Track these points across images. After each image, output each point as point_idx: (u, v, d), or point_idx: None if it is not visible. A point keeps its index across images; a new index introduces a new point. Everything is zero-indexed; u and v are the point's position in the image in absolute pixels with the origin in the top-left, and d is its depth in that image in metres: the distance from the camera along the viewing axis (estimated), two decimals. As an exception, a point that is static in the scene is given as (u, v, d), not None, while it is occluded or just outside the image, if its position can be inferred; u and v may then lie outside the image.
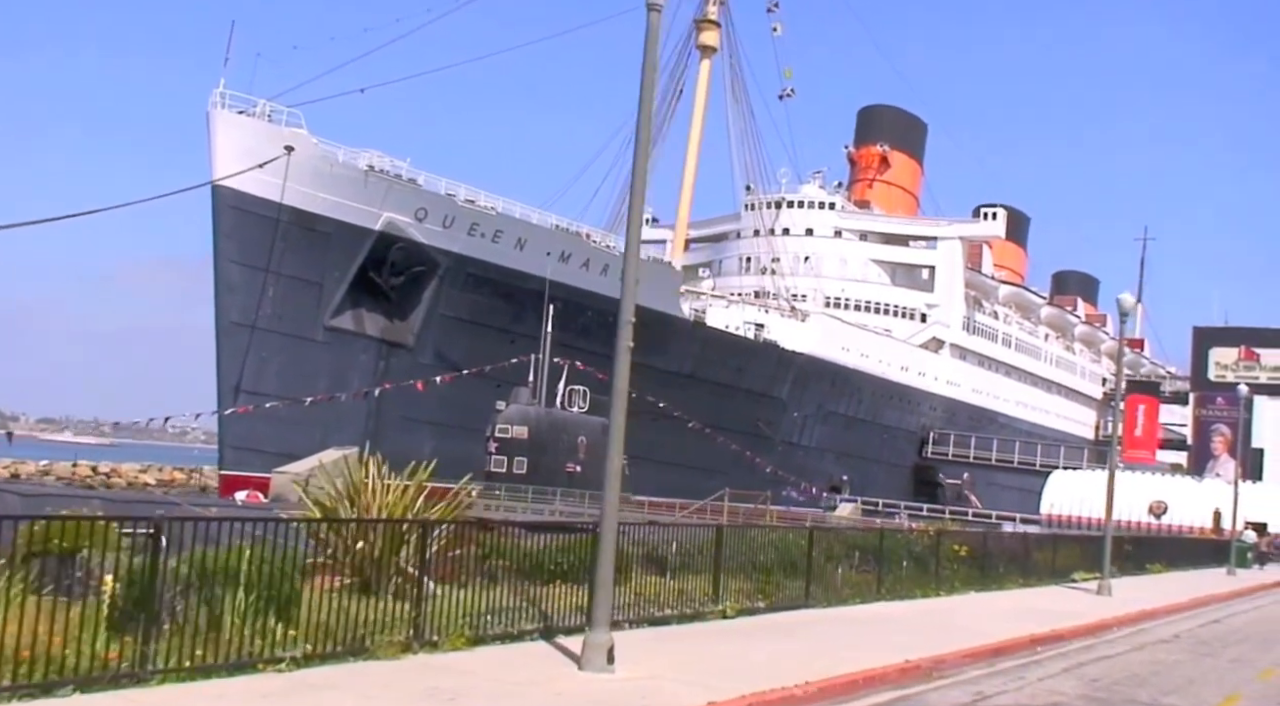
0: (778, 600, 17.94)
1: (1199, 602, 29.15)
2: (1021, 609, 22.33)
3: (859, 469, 78.88)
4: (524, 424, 45.04)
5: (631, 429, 50.14)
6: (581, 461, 46.64)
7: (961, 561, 25.10)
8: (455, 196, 57.22)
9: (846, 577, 20.57)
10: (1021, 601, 23.88)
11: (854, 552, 21.25)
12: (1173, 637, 21.00)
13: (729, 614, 16.40)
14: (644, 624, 14.78)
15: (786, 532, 19.11)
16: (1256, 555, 50.47)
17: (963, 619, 19.64)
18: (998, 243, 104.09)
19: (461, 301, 57.98)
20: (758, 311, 74.86)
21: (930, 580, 23.07)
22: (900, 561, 22.05)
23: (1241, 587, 35.55)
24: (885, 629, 17.42)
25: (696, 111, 76.30)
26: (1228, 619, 25.99)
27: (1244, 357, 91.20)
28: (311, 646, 10.47)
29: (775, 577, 18.20)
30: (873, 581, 20.90)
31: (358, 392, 50.57)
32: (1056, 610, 22.70)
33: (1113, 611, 23.43)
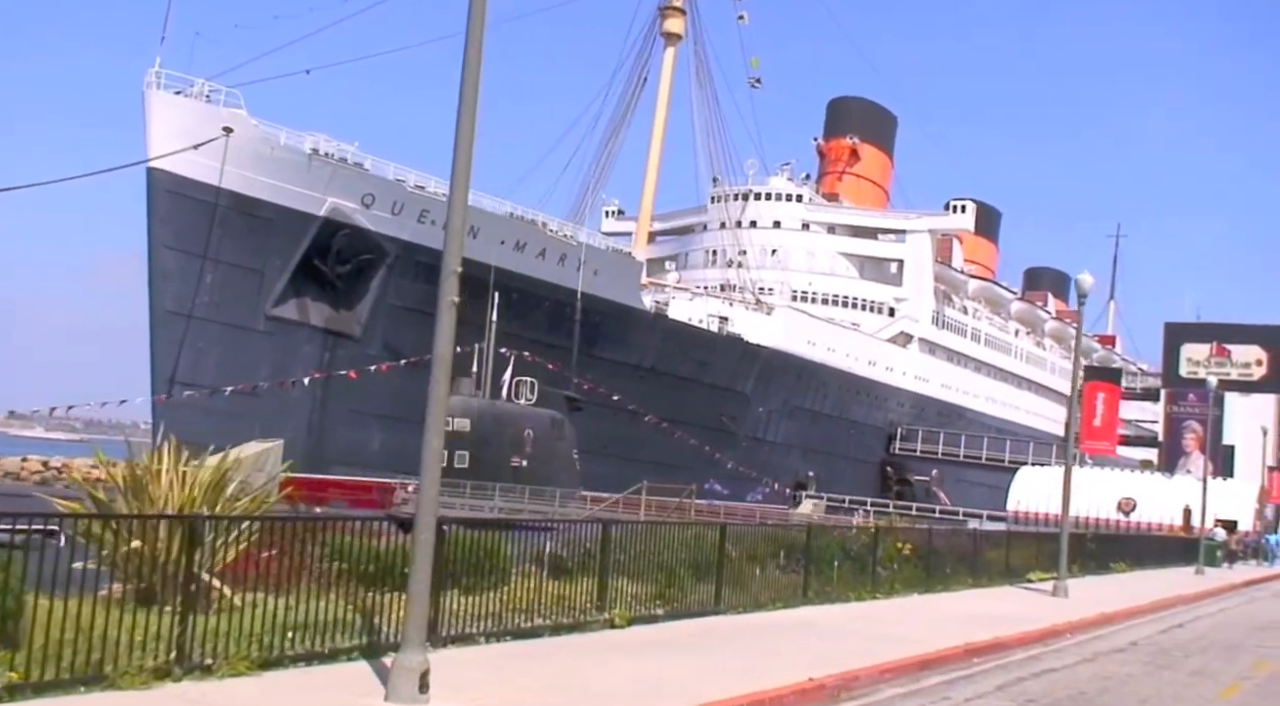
0: (682, 606, 15.74)
1: (1163, 604, 27.13)
2: (965, 613, 20.22)
3: (825, 465, 76.88)
4: (465, 416, 42.73)
5: (587, 422, 48.02)
6: (528, 455, 44.41)
7: (905, 561, 22.97)
8: (404, 182, 54.91)
9: (769, 579, 18.40)
10: (967, 604, 21.77)
11: (780, 552, 19.09)
12: (1129, 646, 18.91)
13: (618, 623, 14.19)
14: (507, 637, 12.57)
15: (696, 529, 16.92)
16: (1226, 554, 48.64)
17: (895, 625, 17.50)
18: (968, 238, 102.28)
19: (411, 291, 55.55)
20: (722, 304, 72.76)
21: (867, 582, 20.93)
22: (832, 561, 19.89)
23: (1209, 588, 33.58)
24: (802, 638, 15.25)
25: (660, 100, 74.31)
26: (1192, 623, 23.95)
27: (1216, 354, 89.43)
28: (22, 673, 8.20)
29: (681, 580, 16.00)
30: (799, 584, 18.73)
31: (284, 383, 48.12)
32: (1004, 614, 20.61)
33: (1066, 615, 21.34)
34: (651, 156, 74.42)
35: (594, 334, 61.75)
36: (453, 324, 10.23)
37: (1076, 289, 26.38)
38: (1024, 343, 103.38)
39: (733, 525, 18.75)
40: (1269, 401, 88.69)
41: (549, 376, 49.88)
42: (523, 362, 47.85)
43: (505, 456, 43.64)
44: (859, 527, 23.88)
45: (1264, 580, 42.47)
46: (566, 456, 47.32)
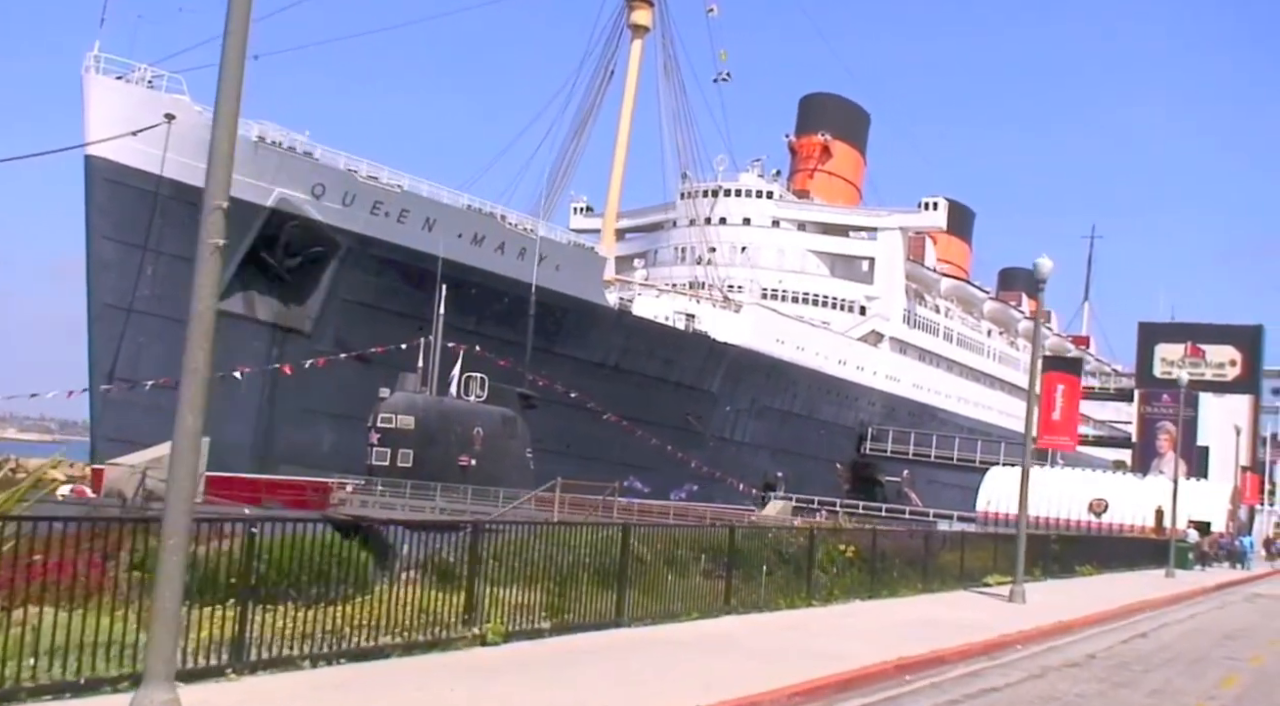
0: (576, 618, 13.78)
1: (1128, 610, 25.29)
2: (909, 621, 18.33)
3: (795, 465, 75.09)
4: (410, 413, 40.73)
5: (549, 421, 45.64)
6: (477, 454, 42.39)
7: (847, 565, 21.08)
8: (356, 172, 52.82)
9: (689, 587, 16.47)
10: (913, 612, 19.87)
11: (702, 555, 17.16)
12: (1085, 659, 17.04)
13: (491, 639, 12.21)
14: (341, 659, 10.59)
15: (598, 529, 14.98)
16: (1198, 556, 46.95)
17: (824, 637, 15.58)
18: (942, 237, 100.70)
19: (364, 285, 53.62)
20: (689, 301, 70.89)
21: (802, 588, 19.02)
22: (761, 565, 17.97)
23: (1179, 592, 31.79)
24: (709, 655, 13.32)
25: (627, 94, 72.44)
26: (1157, 632, 22.11)
27: (1190, 354, 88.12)
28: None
29: (577, 589, 14.05)
30: (722, 590, 16.80)
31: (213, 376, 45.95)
32: (951, 622, 18.73)
33: (1020, 624, 19.46)
34: (618, 151, 72.52)
35: (556, 330, 59.88)
36: (215, 274, 8.25)
37: (1035, 273, 24.59)
38: (997, 342, 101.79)
39: (646, 526, 16.80)
40: (1243, 402, 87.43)
41: (502, 373, 47.92)
42: (473, 358, 45.86)
43: (452, 455, 41.64)
44: (796, 528, 21.94)
45: (1236, 583, 40.77)
46: (519, 455, 45.32)
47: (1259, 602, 32.67)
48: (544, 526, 14.71)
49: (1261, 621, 25.95)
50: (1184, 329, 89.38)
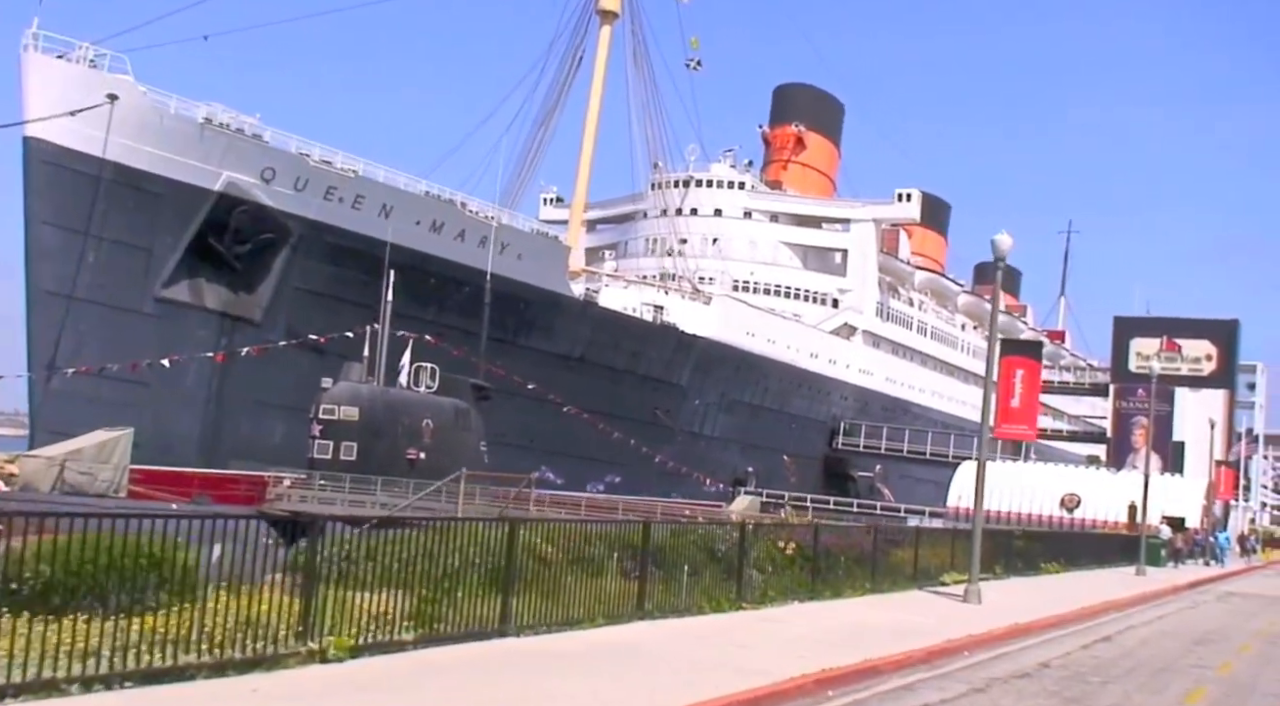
0: (449, 628, 11.98)
1: (1092, 611, 23.63)
2: (847, 626, 16.61)
3: (766, 460, 73.48)
4: (354, 404, 38.78)
5: (512, 415, 43.46)
6: (427, 447, 40.51)
7: (787, 563, 19.36)
8: (309, 156, 50.74)
9: (598, 589, 14.69)
10: (855, 614, 18.16)
11: (615, 553, 15.38)
12: (1037, 669, 15.33)
13: (334, 654, 10.40)
14: (129, 681, 8.77)
15: (477, 526, 13.16)
16: (1171, 553, 45.42)
17: (744, 646, 13.83)
18: (917, 230, 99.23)
19: (318, 273, 51.59)
20: (657, 293, 69.11)
21: (732, 589, 17.27)
22: (683, 564, 16.21)
23: (1148, 591, 30.18)
24: (598, 669, 11.56)
25: (596, 80, 70.38)
26: (1122, 635, 20.43)
27: (1166, 349, 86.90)
28: None
29: (453, 593, 12.26)
30: (634, 593, 15.02)
31: (135, 364, 43.96)
32: (896, 626, 17.02)
33: (970, 627, 17.77)
34: (586, 140, 70.54)
35: (519, 321, 58.13)
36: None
37: (994, 250, 22.89)
38: (971, 336, 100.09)
39: (551, 521, 14.99)
40: (1219, 397, 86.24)
41: (456, 363, 46.11)
42: (425, 347, 44.02)
43: (399, 448, 39.75)
44: (728, 523, 20.19)
45: (1210, 581, 39.24)
46: (472, 448, 43.43)
47: (1232, 602, 31.10)
48: (424, 523, 12.89)
49: (1233, 623, 24.32)
50: (1160, 323, 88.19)
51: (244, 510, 27.40)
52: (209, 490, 37.88)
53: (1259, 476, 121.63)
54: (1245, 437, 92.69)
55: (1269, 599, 32.99)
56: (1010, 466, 65.49)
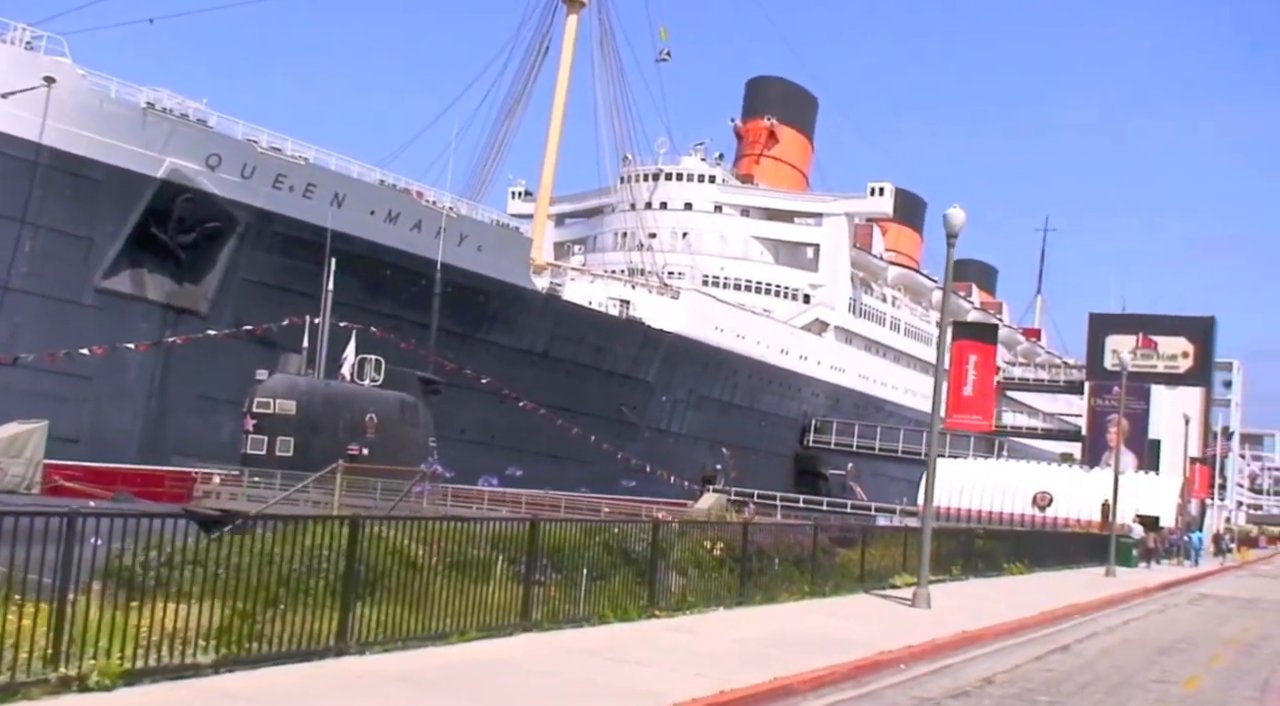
0: (267, 647, 10.03)
1: (1052, 617, 21.82)
2: (770, 636, 14.73)
3: (735, 458, 71.55)
4: (290, 397, 36.79)
5: (473, 411, 41.14)
6: (370, 442, 38.52)
7: (714, 565, 17.48)
8: (256, 143, 48.68)
9: (477, 597, 12.76)
10: (784, 622, 16.27)
11: (500, 556, 13.46)
12: (979, 686, 13.47)
13: (96, 682, 8.45)
14: None
15: (329, 526, 11.22)
16: (1143, 553, 43.70)
17: (641, 663, 11.94)
18: (892, 227, 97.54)
19: (267, 264, 49.54)
20: (624, 287, 67.21)
21: (643, 595, 15.36)
22: (582, 567, 14.30)
23: (1116, 593, 28.41)
24: (446, 695, 9.65)
25: (562, 70, 68.43)
26: (1081, 643, 18.60)
27: (1142, 346, 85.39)
28: None
29: (292, 604, 10.32)
30: (517, 602, 13.08)
31: (53, 354, 41.82)
32: (826, 636, 15.15)
33: (913, 636, 15.92)
34: (552, 131, 68.57)
35: (478, 315, 56.24)
36: None
37: (945, 225, 21.13)
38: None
39: (417, 519, 13.04)
40: (1196, 395, 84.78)
41: (405, 356, 44.14)
42: (372, 340, 42.03)
43: (341, 443, 37.69)
44: (642, 521, 18.27)
45: (1182, 582, 37.52)
46: (420, 444, 41.46)
47: (1204, 604, 29.36)
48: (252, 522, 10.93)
49: (1204, 629, 22.53)
50: (1135, 320, 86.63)
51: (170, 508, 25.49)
52: (131, 487, 35.80)
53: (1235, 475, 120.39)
54: (1221, 435, 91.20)
55: (1243, 601, 31.27)
56: (982, 464, 63.89)
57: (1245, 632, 22.37)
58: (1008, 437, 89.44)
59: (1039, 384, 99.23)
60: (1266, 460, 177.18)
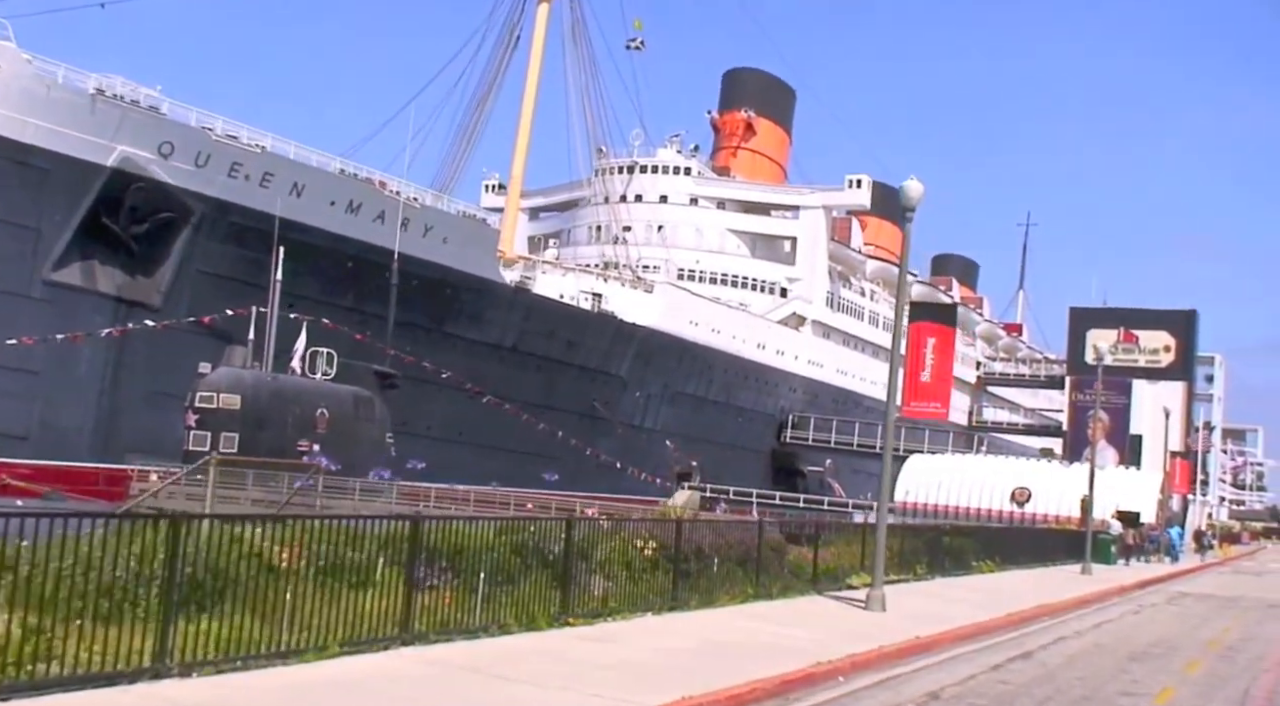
0: (59, 670, 8.39)
1: (1019, 618, 20.27)
2: (693, 647, 13.12)
3: (711, 455, 69.97)
4: (235, 391, 35.11)
5: (440, 406, 39.26)
6: (321, 439, 36.84)
7: (647, 566, 15.88)
8: (210, 130, 46.96)
9: (353, 606, 11.12)
10: (716, 630, 14.66)
11: (380, 560, 11.82)
12: (923, 703, 11.90)
13: None
14: None
15: (135, 525, 9.59)
16: (1121, 549, 42.22)
17: (529, 684, 10.31)
18: (872, 221, 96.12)
19: (223, 255, 47.80)
20: (596, 280, 65.57)
21: (553, 601, 13.73)
22: (478, 572, 12.66)
23: (1090, 592, 26.88)
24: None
25: (533, 60, 66.75)
26: (1046, 649, 17.04)
27: (1123, 340, 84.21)
28: None
29: (79, 621, 8.68)
30: (398, 610, 11.42)
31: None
32: (760, 645, 13.57)
33: (860, 643, 14.35)
34: (523, 122, 66.85)
35: (445, 308, 54.59)
36: None
37: (902, 200, 19.61)
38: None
39: (270, 519, 11.38)
40: (1178, 389, 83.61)
41: (361, 349, 42.53)
42: (326, 333, 40.39)
43: (289, 439, 36.09)
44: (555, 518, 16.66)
45: (1160, 580, 36.02)
46: (375, 440, 39.86)
47: (1183, 604, 27.85)
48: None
49: (1181, 632, 21.00)
50: (1116, 314, 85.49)
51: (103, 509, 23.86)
52: (62, 485, 34.09)
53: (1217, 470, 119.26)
54: (1203, 430, 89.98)
55: (1223, 600, 29.77)
56: (959, 459, 62.41)
57: (1225, 634, 20.86)
58: (988, 433, 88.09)
59: (1020, 379, 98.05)
60: (1249, 455, 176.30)
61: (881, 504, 19.36)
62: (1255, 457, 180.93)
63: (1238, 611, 26.63)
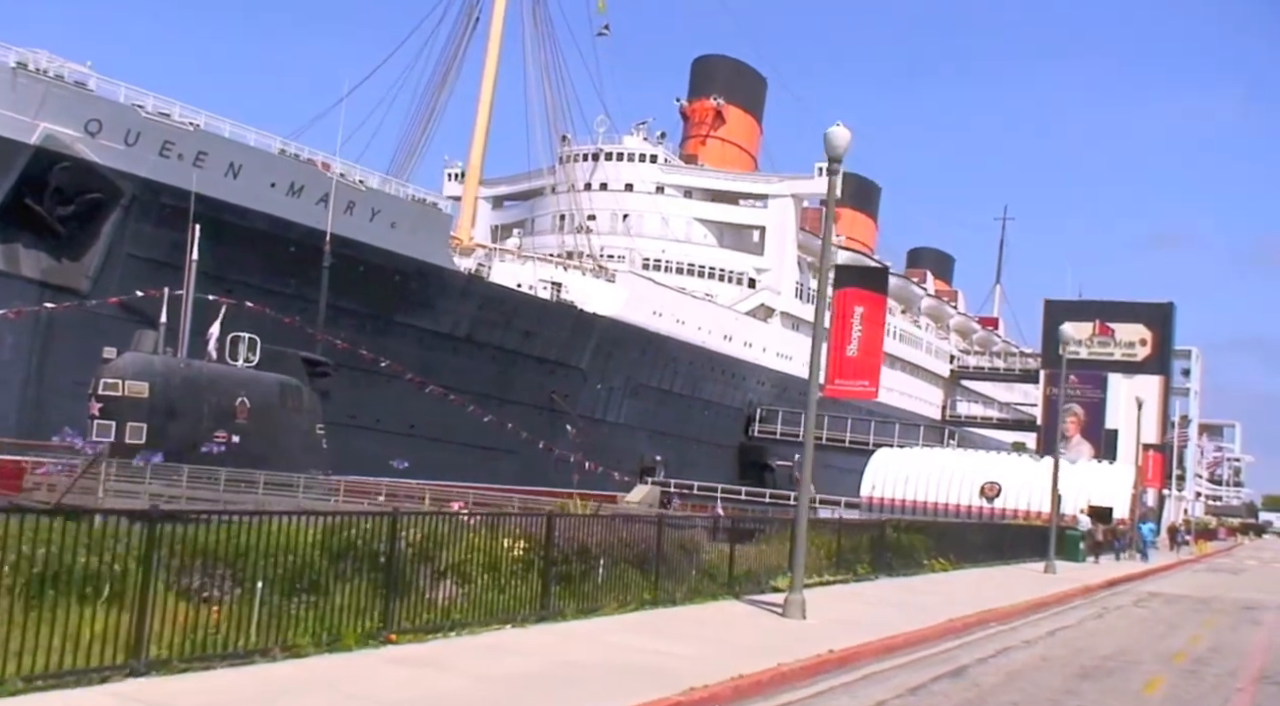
0: None
1: (962, 625, 17.79)
2: (545, 668, 10.60)
3: (677, 449, 67.56)
4: (143, 378, 32.40)
5: (388, 399, 35.83)
6: (242, 430, 34.25)
7: (517, 570, 13.36)
8: (140, 107, 44.31)
9: (62, 628, 8.57)
10: (588, 644, 12.14)
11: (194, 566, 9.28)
12: (807, 743, 9.42)
13: None
14: None
15: None
16: (1091, 546, 39.84)
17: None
18: (846, 213, 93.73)
19: (155, 238, 45.15)
20: (555, 269, 63.01)
21: (371, 614, 11.19)
22: (257, 579, 10.12)
23: (1049, 594, 24.41)
24: None
25: (492, 42, 64.18)
26: (983, 664, 14.55)
27: (1099, 333, 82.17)
28: None
29: None
30: (122, 633, 8.86)
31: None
32: (631, 666, 11.05)
33: (758, 660, 11.84)
34: (481, 107, 64.20)
35: (394, 296, 52.04)
36: None
37: (826, 148, 17.20)
38: (898, 320, 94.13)
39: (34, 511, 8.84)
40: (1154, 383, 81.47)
41: (285, 334, 39.90)
42: (251, 318, 37.78)
43: (205, 430, 33.47)
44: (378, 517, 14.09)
45: (1129, 579, 33.57)
46: (305, 432, 37.24)
47: (1151, 606, 25.41)
48: None
49: (1145, 640, 18.54)
50: (1092, 306, 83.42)
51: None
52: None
53: (1194, 465, 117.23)
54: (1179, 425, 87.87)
55: (1196, 602, 27.35)
56: (928, 453, 60.09)
57: (1194, 643, 18.42)
58: (962, 427, 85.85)
59: (994, 373, 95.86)
60: (1226, 451, 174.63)
61: (803, 495, 16.88)
62: (1233, 453, 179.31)
63: (1210, 614, 24.23)
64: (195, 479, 29.19)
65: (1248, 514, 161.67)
